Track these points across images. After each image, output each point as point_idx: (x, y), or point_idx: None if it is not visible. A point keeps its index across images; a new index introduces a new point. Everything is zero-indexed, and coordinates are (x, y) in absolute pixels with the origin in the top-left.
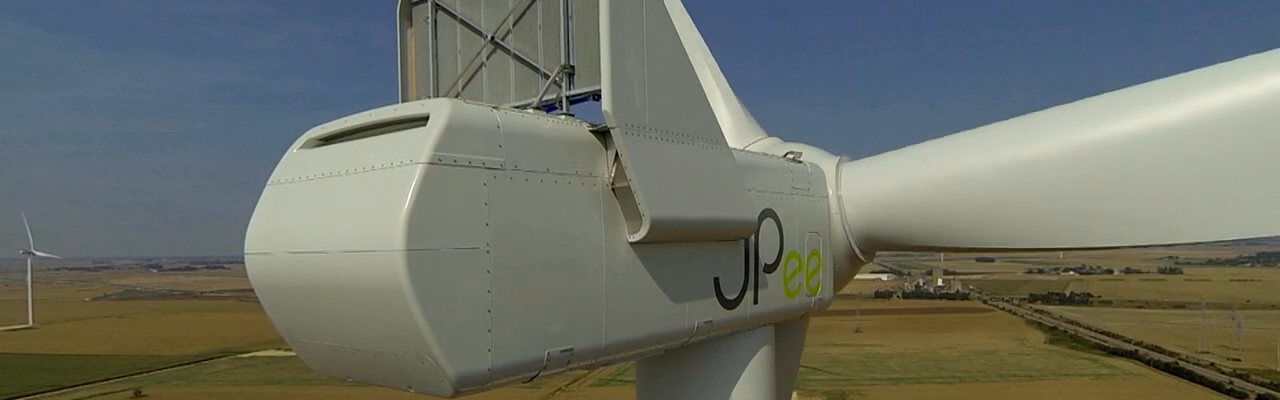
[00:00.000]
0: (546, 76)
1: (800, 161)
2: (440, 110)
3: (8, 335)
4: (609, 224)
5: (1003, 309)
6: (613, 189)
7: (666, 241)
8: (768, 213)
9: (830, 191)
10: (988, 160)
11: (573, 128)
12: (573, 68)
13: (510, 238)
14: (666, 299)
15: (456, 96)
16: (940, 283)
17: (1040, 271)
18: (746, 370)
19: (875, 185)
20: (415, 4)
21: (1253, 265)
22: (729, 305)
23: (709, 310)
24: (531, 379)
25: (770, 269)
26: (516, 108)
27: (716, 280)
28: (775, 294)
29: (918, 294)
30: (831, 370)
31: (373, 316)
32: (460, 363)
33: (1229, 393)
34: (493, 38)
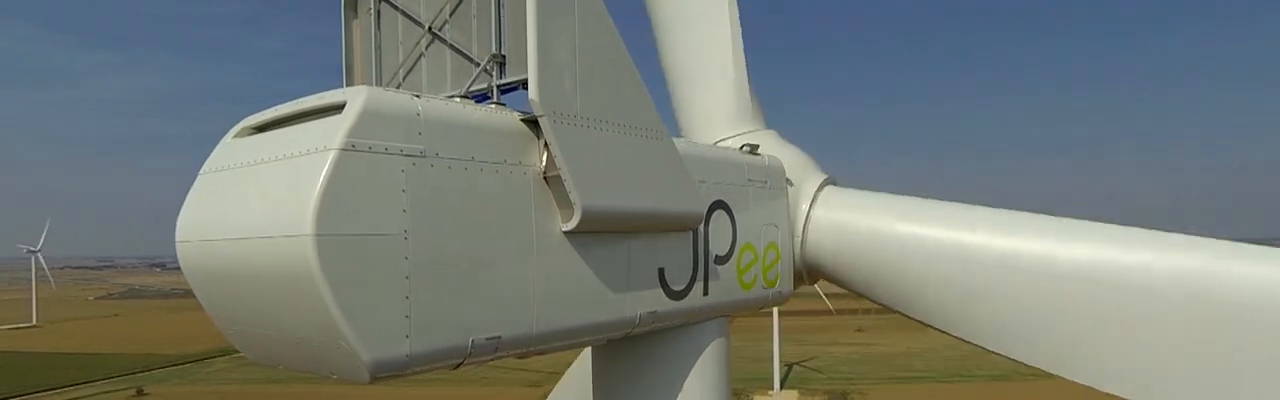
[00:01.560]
0: (480, 66)
1: (758, 154)
2: (356, 97)
3: (12, 334)
4: (541, 213)
5: None
6: (545, 178)
7: (603, 231)
8: (719, 204)
9: (803, 204)
10: (961, 245)
11: (502, 116)
12: (504, 57)
13: (430, 225)
14: (605, 288)
15: (397, 87)
16: None
17: None
18: (698, 362)
19: (849, 219)
20: None
21: None
22: (676, 296)
23: (653, 301)
24: (458, 366)
25: (722, 261)
26: (450, 97)
27: (661, 271)
28: (728, 286)
29: None
30: (834, 369)
31: (289, 302)
32: (375, 348)
33: None
34: (430, 28)
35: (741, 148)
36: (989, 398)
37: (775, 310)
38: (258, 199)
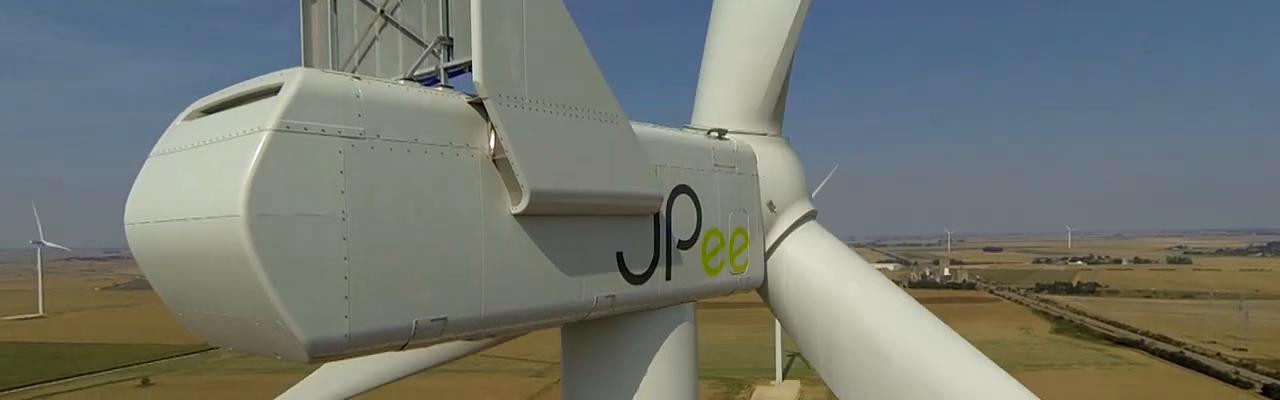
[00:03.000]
0: (427, 48)
1: (726, 139)
2: (292, 79)
3: (19, 324)
4: (490, 195)
5: (1009, 299)
6: (494, 161)
7: (557, 214)
8: (682, 189)
9: (779, 228)
10: (862, 316)
11: (449, 99)
12: (451, 40)
13: (370, 206)
14: (558, 272)
15: (353, 70)
16: (947, 272)
17: (1047, 261)
18: (664, 346)
19: (800, 261)
20: None
21: (1263, 255)
22: (635, 281)
23: (611, 285)
24: (403, 347)
25: (686, 245)
26: (398, 80)
27: (620, 255)
28: (692, 271)
29: (924, 284)
30: None
31: (228, 282)
32: (313, 328)
33: (1234, 383)
34: (382, 11)
35: (708, 132)
36: None
37: None
38: (197, 181)
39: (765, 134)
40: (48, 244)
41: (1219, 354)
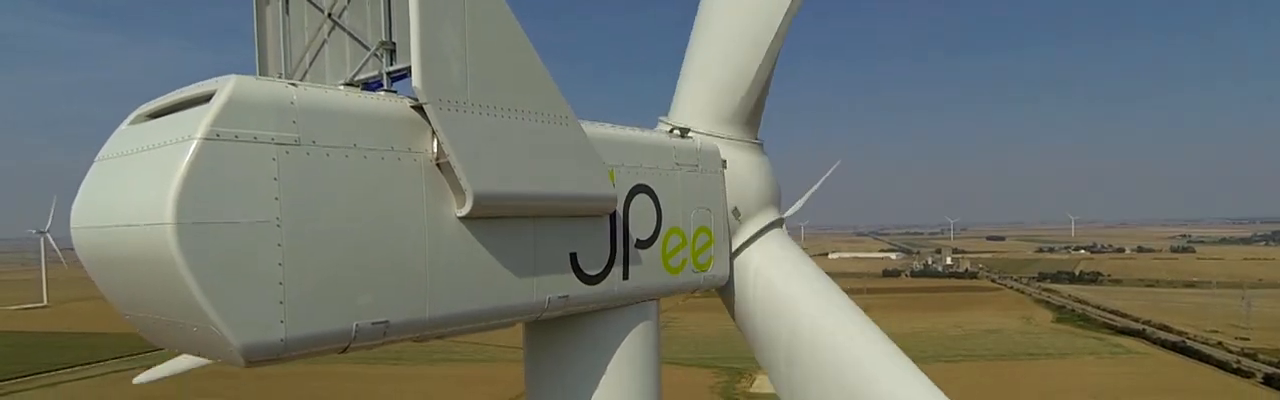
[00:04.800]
0: (370, 52)
1: (689, 137)
2: (224, 87)
3: (23, 314)
4: (435, 198)
5: (1011, 288)
6: (438, 164)
7: (505, 216)
8: (641, 188)
9: (745, 234)
10: (810, 323)
11: (390, 104)
12: (393, 44)
13: (306, 211)
14: (507, 273)
15: (304, 73)
16: (949, 261)
17: (1050, 250)
18: (625, 344)
19: (763, 268)
20: None
21: (1266, 244)
22: (590, 280)
23: (564, 285)
24: (344, 350)
25: (645, 245)
26: (339, 85)
27: (573, 255)
28: (651, 270)
29: (926, 273)
30: None
31: (163, 288)
32: (246, 333)
33: (1236, 372)
34: (330, 14)
35: (671, 131)
36: (984, 376)
37: None
38: (132, 187)
39: (738, 139)
40: (51, 237)
41: (1221, 343)
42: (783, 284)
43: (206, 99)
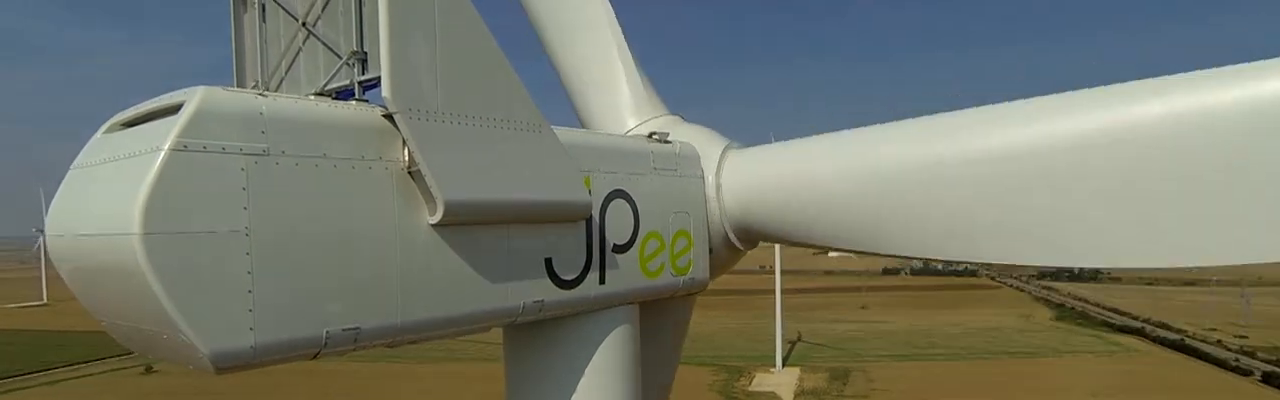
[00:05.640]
0: (341, 62)
1: (667, 142)
2: (192, 98)
3: (23, 312)
4: (407, 206)
5: (1010, 286)
6: (410, 172)
7: (475, 223)
8: (618, 193)
9: (710, 176)
10: (874, 159)
11: (361, 113)
12: (365, 53)
13: (275, 220)
14: (480, 279)
15: (280, 82)
16: None
17: None
18: (603, 348)
19: (755, 174)
20: None
21: None
22: (566, 285)
23: (538, 290)
24: (315, 356)
25: (622, 249)
26: (310, 95)
27: (548, 261)
28: (628, 275)
29: (925, 270)
30: (837, 347)
31: (133, 297)
32: (215, 341)
33: (1234, 370)
34: (304, 22)
35: (650, 136)
36: (983, 374)
37: (778, 288)
38: (101, 197)
39: (659, 115)
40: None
41: (1220, 341)
42: (798, 164)
43: (176, 110)
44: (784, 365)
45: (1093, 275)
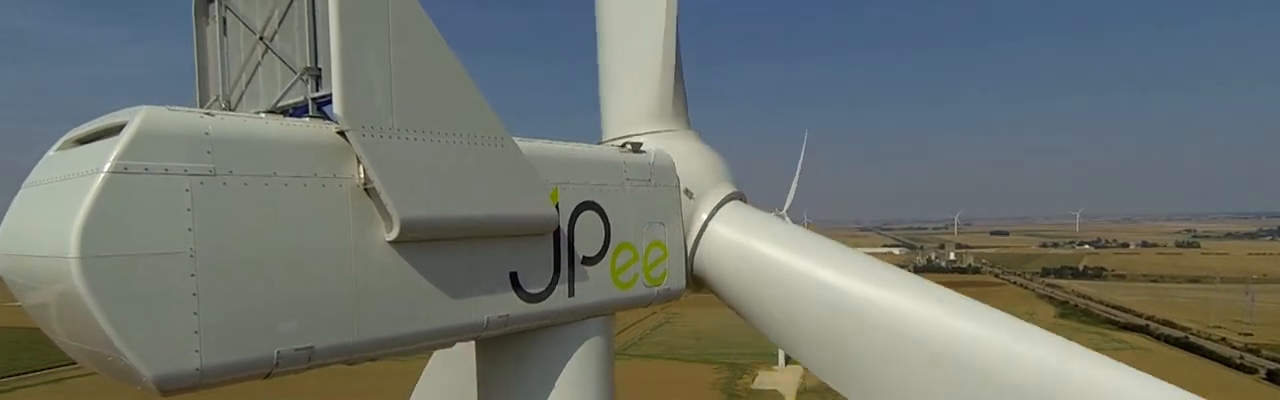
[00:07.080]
0: (296, 77)
1: (641, 151)
2: (134, 119)
3: (17, 310)
4: (362, 223)
5: (1014, 283)
6: (366, 189)
7: (434, 239)
8: (588, 205)
9: (702, 214)
10: (820, 279)
11: (314, 130)
12: (319, 69)
13: (223, 241)
14: (441, 295)
15: (241, 96)
16: (953, 256)
17: (1054, 245)
18: (575, 360)
19: (734, 240)
20: (209, 1)
21: (1272, 239)
22: (533, 299)
23: (504, 304)
24: (267, 376)
25: (592, 261)
26: (271, 111)
27: (514, 274)
28: (599, 286)
29: (929, 268)
30: None
31: (76, 319)
32: (158, 364)
33: (1239, 368)
34: (262, 37)
35: (622, 146)
36: None
37: None
38: (45, 218)
39: (672, 130)
40: None
41: (1224, 339)
42: (771, 250)
43: (119, 130)
44: (787, 363)
45: (1096, 272)
